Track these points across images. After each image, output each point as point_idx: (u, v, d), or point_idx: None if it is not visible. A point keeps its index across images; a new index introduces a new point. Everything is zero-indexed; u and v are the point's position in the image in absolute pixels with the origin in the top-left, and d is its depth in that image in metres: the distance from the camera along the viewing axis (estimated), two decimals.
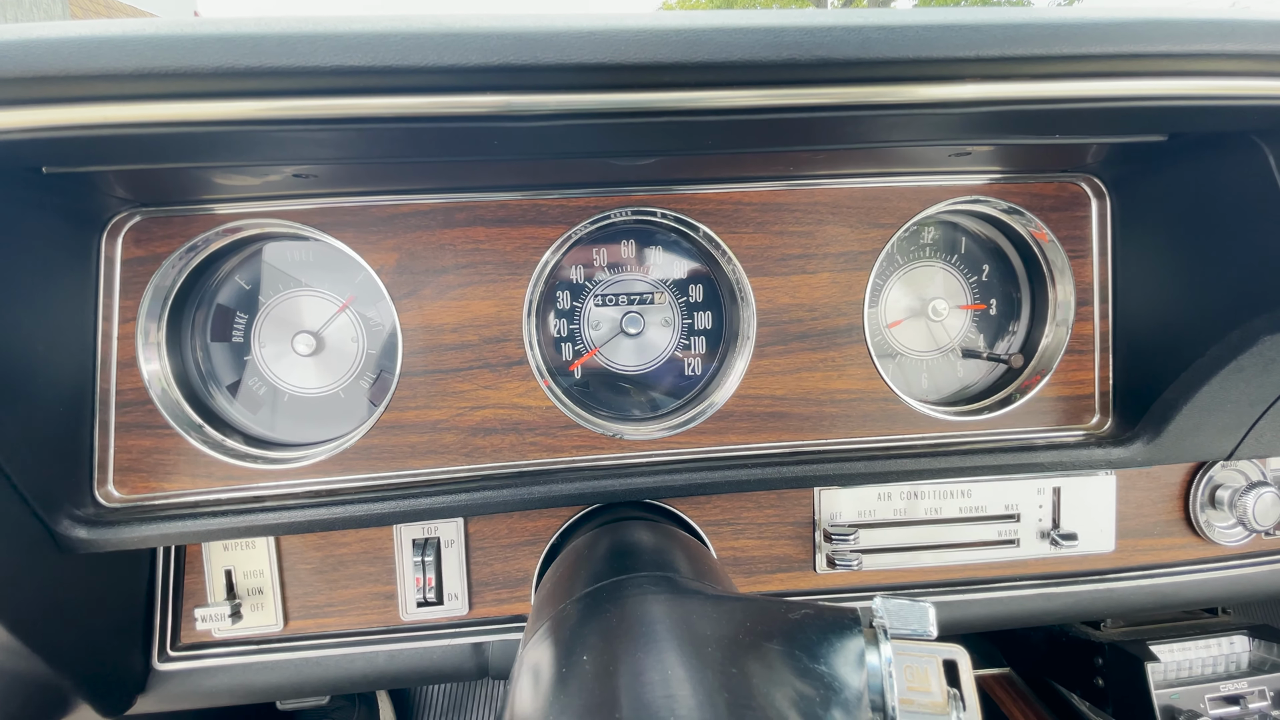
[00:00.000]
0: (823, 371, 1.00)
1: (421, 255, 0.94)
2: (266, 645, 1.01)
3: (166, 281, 0.93)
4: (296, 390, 1.03)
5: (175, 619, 1.00)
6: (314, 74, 0.54)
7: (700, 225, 0.97)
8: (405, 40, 0.54)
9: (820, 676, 0.51)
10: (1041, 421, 1.05)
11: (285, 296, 1.02)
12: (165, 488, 0.93)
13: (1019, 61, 0.59)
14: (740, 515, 1.06)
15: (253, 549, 1.00)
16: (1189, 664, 1.16)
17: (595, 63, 0.55)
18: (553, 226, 0.95)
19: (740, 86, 0.58)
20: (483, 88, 0.56)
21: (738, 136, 0.68)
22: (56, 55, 0.52)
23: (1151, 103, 0.64)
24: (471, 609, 1.02)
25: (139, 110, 0.55)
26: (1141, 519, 1.11)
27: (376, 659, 1.01)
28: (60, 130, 0.57)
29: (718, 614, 0.59)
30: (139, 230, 0.90)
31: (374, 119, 0.57)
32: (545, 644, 0.60)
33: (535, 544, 1.03)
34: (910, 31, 0.58)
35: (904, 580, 1.08)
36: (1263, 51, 0.62)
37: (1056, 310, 1.06)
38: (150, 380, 0.92)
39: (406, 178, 0.89)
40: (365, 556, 1.01)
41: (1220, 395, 0.90)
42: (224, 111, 0.55)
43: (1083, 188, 1.02)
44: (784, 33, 0.56)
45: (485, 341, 0.95)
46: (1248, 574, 1.12)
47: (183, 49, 0.52)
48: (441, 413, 0.95)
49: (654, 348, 1.08)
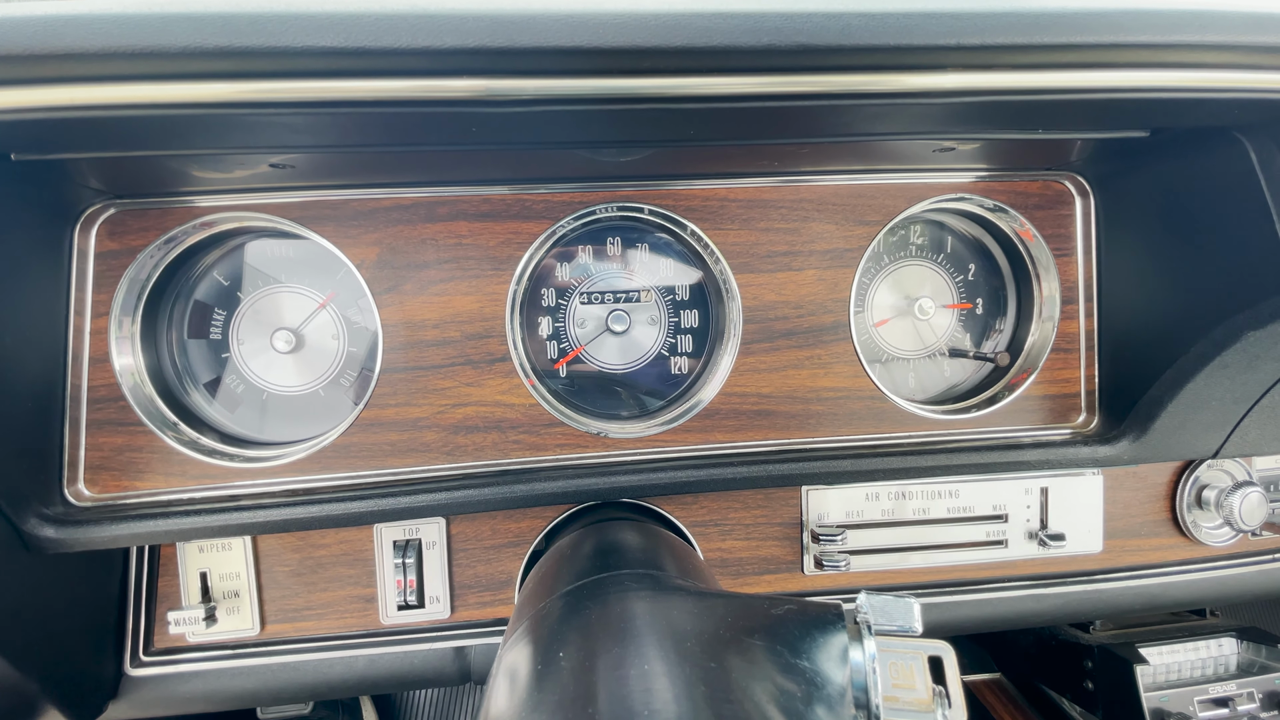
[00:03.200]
0: (809, 369, 0.99)
1: (403, 250, 0.92)
2: (242, 650, 0.98)
3: (142, 275, 0.91)
4: (275, 388, 1.01)
5: (148, 623, 0.97)
6: (285, 54, 0.52)
7: (687, 222, 0.96)
8: (379, 21, 0.53)
9: (803, 672, 0.50)
10: (1028, 420, 1.05)
11: (264, 293, 1.00)
12: (137, 486, 0.90)
13: (1000, 50, 0.59)
14: (727, 516, 1.04)
15: (229, 550, 0.97)
16: (1178, 666, 1.15)
17: (573, 46, 0.54)
18: (537, 222, 0.94)
19: (720, 73, 0.58)
20: (459, 71, 0.55)
21: (719, 126, 0.68)
22: (19, 34, 0.51)
23: (1133, 94, 0.64)
24: (454, 612, 1.00)
25: (105, 91, 0.53)
26: (1129, 519, 1.11)
27: (356, 664, 0.99)
28: (25, 113, 0.55)
29: (699, 609, 0.57)
30: (113, 223, 0.89)
31: (348, 103, 0.56)
32: (523, 643, 0.58)
33: (519, 545, 1.01)
34: (891, 19, 0.57)
35: (892, 581, 1.07)
36: (1243, 43, 0.62)
37: (1042, 308, 1.06)
38: (123, 376, 0.90)
39: (388, 171, 0.88)
40: (345, 558, 0.99)
41: (1205, 392, 0.90)
42: (193, 94, 0.54)
43: (1067, 186, 1.03)
44: (764, 18, 0.56)
45: (468, 338, 0.94)
46: (1235, 574, 1.12)
47: (149, 27, 0.51)
48: (422, 410, 0.94)
49: (640, 346, 1.07)
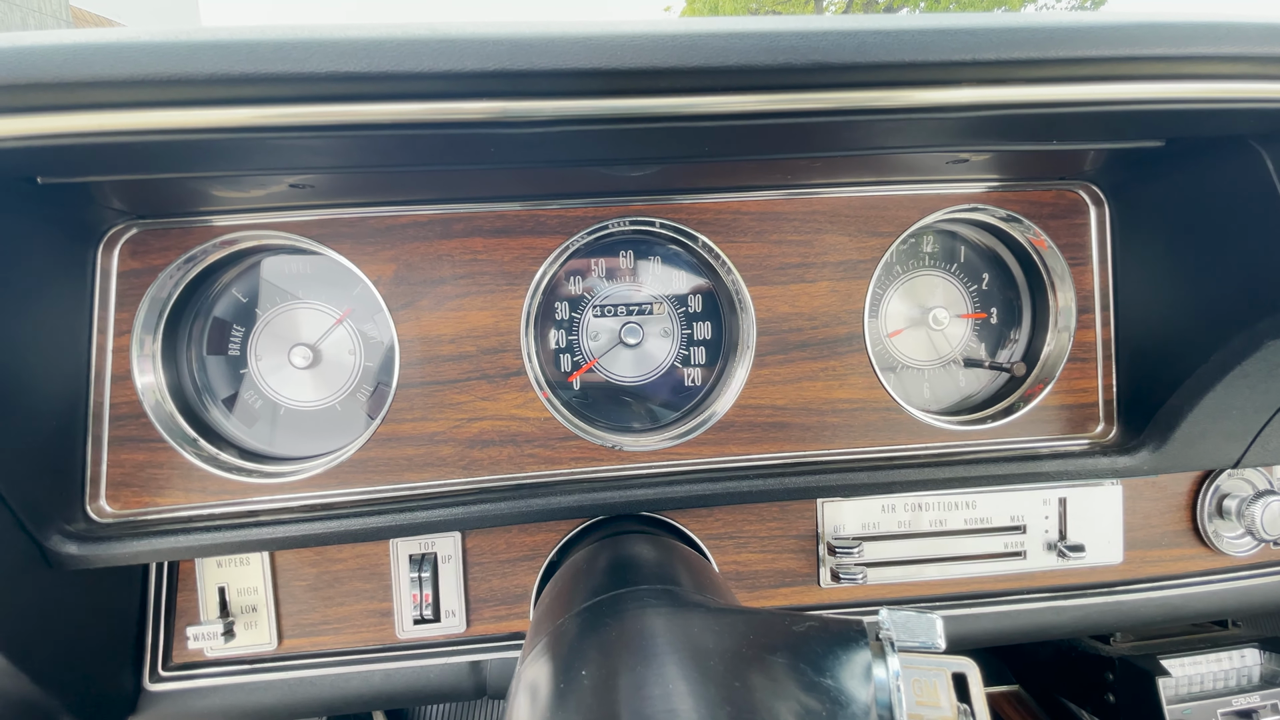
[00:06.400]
0: (824, 381, 0.99)
1: (419, 266, 0.93)
2: (260, 665, 0.98)
3: (163, 294, 0.93)
4: (293, 403, 1.02)
5: (167, 638, 0.98)
6: (309, 80, 0.53)
7: (699, 235, 0.97)
8: (401, 46, 0.54)
9: (826, 690, 0.50)
10: (1045, 430, 1.04)
11: (282, 309, 1.01)
12: (158, 502, 0.91)
13: (1015, 65, 0.59)
14: (743, 528, 1.04)
15: (246, 565, 0.98)
16: (1200, 678, 1.14)
17: (591, 68, 0.55)
18: (551, 237, 0.95)
19: (736, 91, 0.58)
20: (479, 94, 0.56)
21: (734, 142, 0.68)
22: (50, 62, 0.52)
23: (1148, 106, 0.64)
24: (469, 626, 1.00)
25: (134, 118, 0.55)
26: (1149, 530, 1.09)
27: (372, 678, 0.99)
28: (55, 138, 0.56)
29: (720, 627, 0.57)
30: (135, 242, 0.90)
31: (370, 125, 0.57)
32: (543, 660, 0.58)
33: (534, 559, 1.01)
34: (906, 36, 0.58)
35: (909, 594, 1.06)
36: (1258, 54, 0.62)
37: (1058, 318, 1.06)
38: (144, 393, 0.91)
39: (404, 189, 0.89)
40: (361, 573, 1.00)
41: (1225, 402, 0.89)
42: (220, 119, 0.55)
43: (1081, 195, 1.02)
44: (780, 37, 0.56)
45: (483, 352, 0.94)
46: (1257, 585, 1.11)
47: (177, 55, 0.52)
48: (438, 424, 0.94)
49: (653, 358, 1.07)
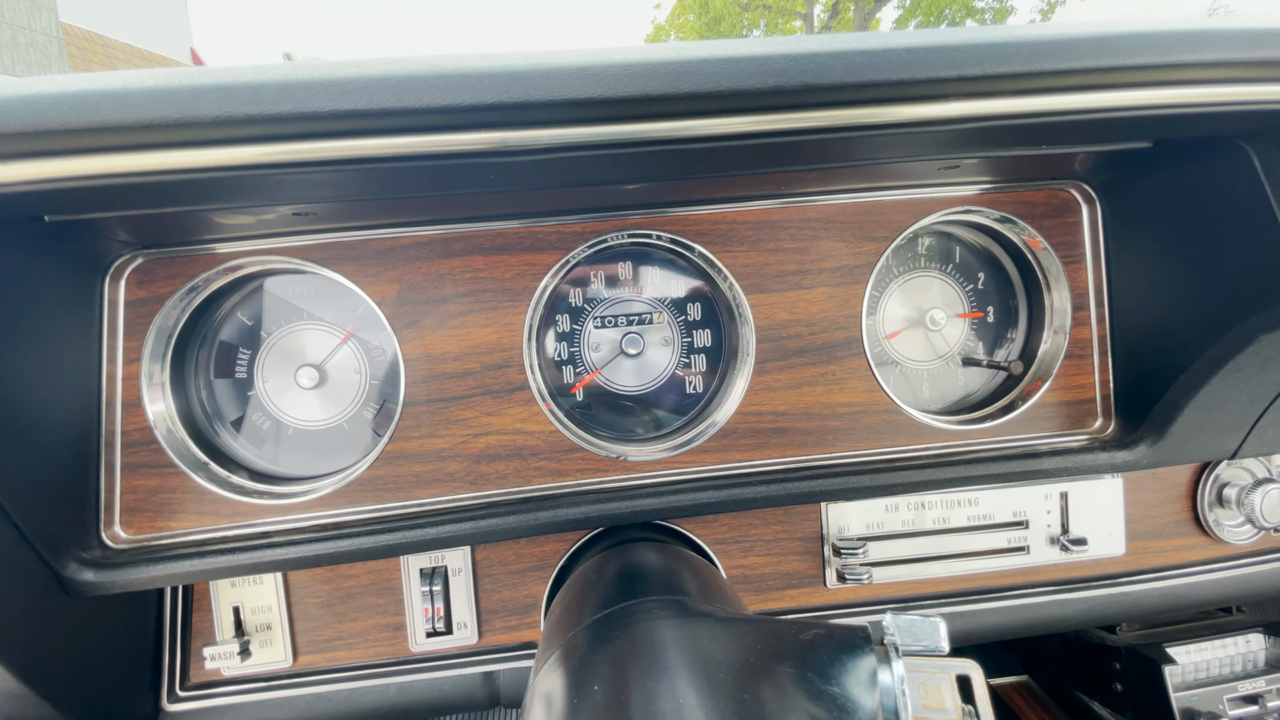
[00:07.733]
0: (824, 385, 1.00)
1: (421, 286, 0.95)
2: (276, 682, 1.00)
3: (169, 321, 0.94)
4: (300, 423, 1.04)
5: (184, 658, 0.99)
6: (312, 119, 0.55)
7: (696, 245, 0.98)
8: (400, 83, 0.55)
9: (833, 698, 0.51)
10: (1045, 427, 1.05)
11: (287, 331, 1.03)
12: (172, 527, 0.93)
13: (1001, 79, 0.60)
14: (748, 532, 1.05)
15: (260, 584, 1.00)
16: (1206, 665, 1.15)
17: (586, 97, 0.56)
18: (550, 252, 0.96)
19: (728, 114, 0.59)
20: (477, 125, 0.57)
21: (727, 160, 0.69)
22: (58, 109, 0.53)
23: (1133, 112, 0.65)
24: (481, 637, 1.02)
25: (140, 160, 0.56)
26: (1150, 521, 1.11)
27: (387, 691, 1.01)
28: (62, 182, 0.58)
29: (728, 637, 0.58)
30: (141, 272, 0.91)
31: (371, 159, 0.58)
32: (556, 673, 0.59)
33: (543, 569, 1.02)
34: (893, 54, 0.59)
35: (915, 592, 1.08)
36: (1239, 59, 0.63)
37: (1054, 316, 1.07)
38: (155, 420, 0.92)
39: (404, 211, 0.91)
40: (373, 588, 1.01)
41: (1221, 395, 0.90)
42: (225, 158, 0.56)
43: (1073, 194, 1.03)
44: (770, 61, 0.57)
45: (486, 368, 0.96)
46: (1259, 571, 1.12)
47: (183, 99, 0.53)
48: (445, 441, 0.96)
49: (654, 367, 1.08)
